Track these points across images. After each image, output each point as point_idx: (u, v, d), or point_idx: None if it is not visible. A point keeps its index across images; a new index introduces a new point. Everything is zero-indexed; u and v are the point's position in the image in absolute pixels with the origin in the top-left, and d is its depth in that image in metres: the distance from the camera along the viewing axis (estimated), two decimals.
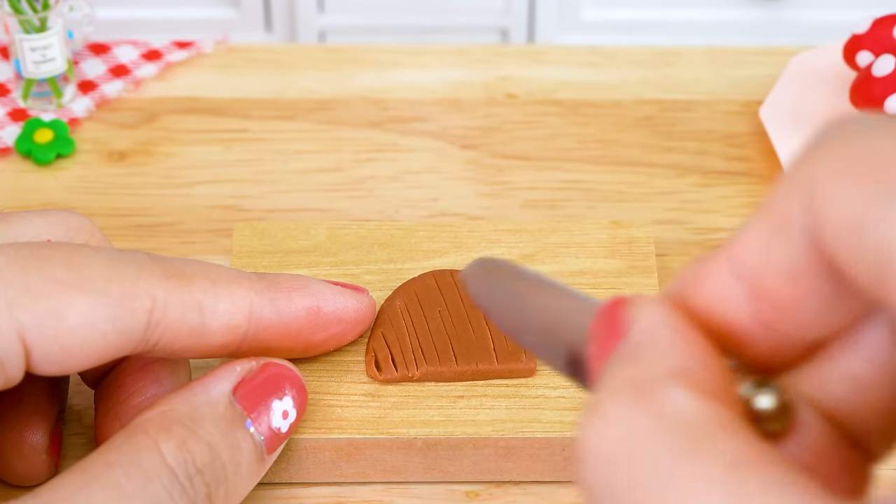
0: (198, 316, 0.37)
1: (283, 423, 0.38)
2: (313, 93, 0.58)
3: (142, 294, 0.36)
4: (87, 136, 0.56)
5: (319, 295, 0.40)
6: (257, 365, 0.38)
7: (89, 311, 0.35)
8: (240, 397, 0.37)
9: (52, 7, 0.55)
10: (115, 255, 0.36)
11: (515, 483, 0.42)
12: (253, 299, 0.38)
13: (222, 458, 0.36)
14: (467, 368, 0.42)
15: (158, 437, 0.35)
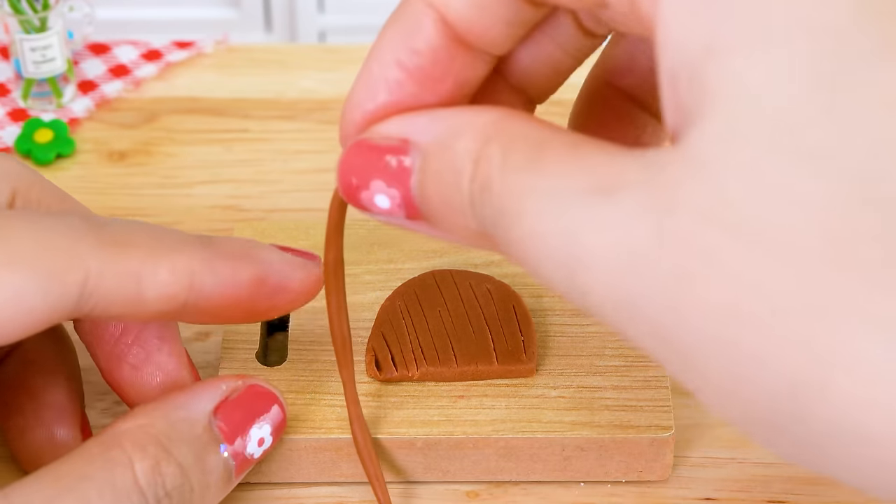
0: (134, 285, 0.35)
1: (258, 450, 0.38)
2: (313, 93, 0.58)
3: (74, 266, 0.34)
4: (87, 136, 0.56)
5: (266, 264, 0.38)
6: (243, 385, 0.38)
7: (18, 288, 0.34)
8: (220, 421, 0.37)
9: (52, 7, 0.55)
10: (47, 224, 0.35)
11: (515, 483, 0.42)
12: (195, 268, 0.37)
13: (192, 481, 0.36)
14: (467, 368, 0.42)
15: (133, 455, 0.35)
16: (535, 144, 0.31)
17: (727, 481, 0.43)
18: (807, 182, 0.26)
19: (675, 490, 0.43)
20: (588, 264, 0.29)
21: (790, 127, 0.27)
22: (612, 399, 0.42)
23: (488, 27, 0.33)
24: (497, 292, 0.44)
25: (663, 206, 0.28)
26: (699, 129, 0.28)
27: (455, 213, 0.33)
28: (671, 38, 0.29)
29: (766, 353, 0.27)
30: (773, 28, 0.27)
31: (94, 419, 0.44)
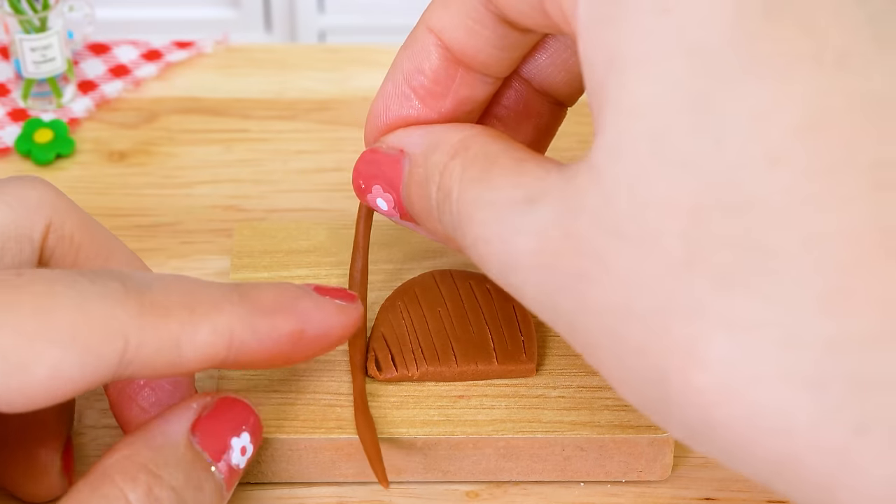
0: (174, 350, 0.35)
1: (242, 459, 0.38)
2: (313, 93, 0.58)
3: (113, 336, 0.34)
4: (87, 136, 0.56)
5: (304, 315, 0.38)
6: (212, 400, 0.38)
7: (57, 363, 0.34)
8: (200, 438, 0.37)
9: (52, 7, 0.55)
10: (85, 290, 0.35)
11: (515, 483, 0.42)
12: (234, 327, 0.36)
13: (187, 501, 0.36)
14: (467, 368, 0.42)
15: (125, 487, 0.35)
16: (490, 159, 0.35)
17: (727, 481, 0.43)
18: (674, 189, 0.29)
19: (675, 490, 0.43)
20: (515, 266, 0.33)
21: (665, 138, 0.29)
22: (613, 399, 0.42)
23: (479, 50, 0.38)
24: (497, 292, 0.44)
25: (570, 211, 0.32)
26: (598, 139, 0.31)
27: (428, 217, 0.37)
28: (582, 51, 0.32)
29: (644, 345, 0.30)
30: (659, 46, 0.30)
31: (93, 419, 0.44)
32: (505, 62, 0.38)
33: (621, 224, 0.30)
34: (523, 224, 0.33)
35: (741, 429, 0.29)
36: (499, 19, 0.37)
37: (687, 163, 0.29)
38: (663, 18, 0.30)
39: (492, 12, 0.37)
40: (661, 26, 0.30)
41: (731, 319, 0.28)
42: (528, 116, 0.41)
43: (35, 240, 0.38)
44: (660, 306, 0.29)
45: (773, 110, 0.28)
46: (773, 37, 0.29)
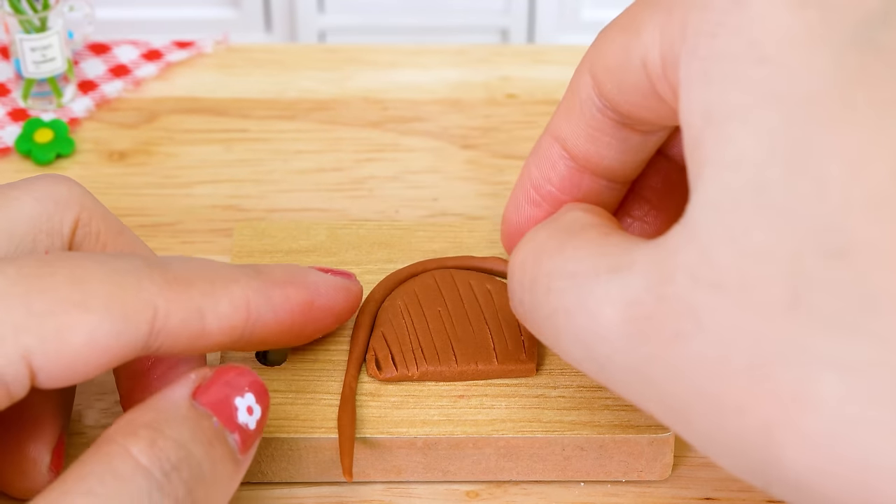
0: (198, 321, 0.37)
1: (250, 419, 0.37)
2: (313, 93, 0.58)
3: (143, 306, 0.35)
4: (87, 136, 0.56)
5: (312, 287, 0.40)
6: (211, 370, 0.38)
7: (93, 329, 0.34)
8: (200, 398, 0.37)
9: (52, 7, 0.55)
10: (114, 265, 0.36)
11: (515, 483, 0.42)
12: (251, 298, 0.38)
13: (196, 455, 0.35)
14: (467, 368, 0.42)
15: (126, 442, 0.35)
16: (571, 233, 0.35)
17: (727, 481, 0.43)
18: (775, 236, 0.29)
19: (675, 490, 0.43)
20: (604, 335, 0.32)
21: (764, 187, 0.29)
22: (612, 399, 0.42)
23: (603, 157, 0.38)
24: (497, 292, 0.44)
25: (664, 274, 0.31)
26: (696, 197, 0.31)
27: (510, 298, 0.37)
28: (681, 111, 0.32)
29: (745, 402, 0.29)
30: (756, 95, 0.30)
31: (93, 419, 0.44)
32: (629, 166, 0.39)
33: (719, 276, 0.30)
34: (611, 293, 0.32)
35: (854, 474, 0.28)
36: (618, 124, 0.37)
37: (788, 209, 0.29)
38: (759, 68, 0.30)
39: (610, 118, 0.37)
40: (758, 76, 0.30)
41: (840, 360, 0.28)
42: (672, 194, 0.41)
43: (65, 234, 0.39)
44: (762, 356, 0.29)
45: (874, 154, 0.28)
46: (870, 82, 0.29)
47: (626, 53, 0.35)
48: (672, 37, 0.33)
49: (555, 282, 0.34)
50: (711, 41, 0.32)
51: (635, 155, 0.38)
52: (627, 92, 0.36)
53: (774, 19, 0.31)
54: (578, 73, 0.38)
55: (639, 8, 0.35)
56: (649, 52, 0.34)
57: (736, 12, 0.31)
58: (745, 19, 0.31)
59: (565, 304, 0.34)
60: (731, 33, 0.31)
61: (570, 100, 0.38)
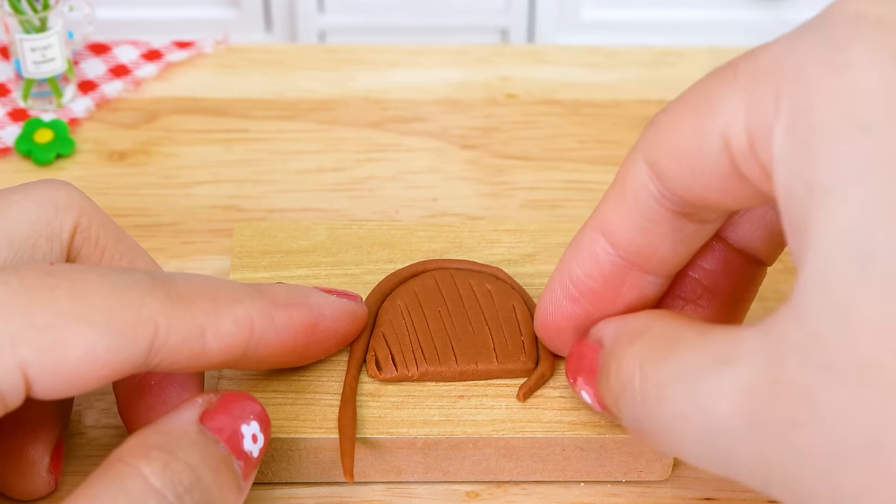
0: (199, 339, 0.36)
1: (254, 447, 0.38)
2: (313, 93, 0.58)
3: (145, 322, 0.35)
4: (87, 136, 0.56)
5: (317, 309, 0.40)
6: (216, 396, 0.38)
7: (92, 343, 0.34)
8: (208, 424, 0.37)
9: (52, 7, 0.55)
10: (117, 280, 0.36)
11: (515, 483, 0.42)
12: (254, 319, 0.38)
13: (206, 480, 0.35)
14: (467, 368, 0.42)
15: (139, 463, 0.34)
16: (669, 340, 0.34)
17: (727, 481, 0.43)
18: (882, 311, 0.28)
19: (675, 490, 0.43)
20: (723, 430, 0.31)
21: (871, 259, 0.28)
22: None
23: (655, 249, 0.37)
24: (497, 292, 0.44)
25: (775, 360, 0.30)
26: (802, 275, 0.30)
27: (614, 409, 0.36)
28: (779, 188, 0.31)
29: (863, 487, 0.28)
30: (860, 165, 0.29)
31: (94, 419, 0.44)
32: (679, 258, 0.37)
33: (830, 356, 0.29)
34: (723, 386, 0.31)
35: None
36: (675, 213, 0.36)
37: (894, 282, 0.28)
38: (863, 137, 0.29)
39: (667, 208, 0.36)
40: (861, 145, 0.29)
41: None
42: (726, 277, 0.39)
43: (64, 239, 0.39)
44: (879, 437, 0.28)
45: None
46: None
47: (701, 134, 0.33)
48: (762, 110, 0.31)
49: (665, 389, 0.33)
50: (810, 114, 0.30)
51: (688, 246, 0.37)
52: (702, 176, 0.34)
53: (873, 84, 0.30)
54: (630, 163, 0.36)
55: (710, 85, 0.33)
56: (732, 128, 0.32)
57: (832, 79, 0.30)
58: (844, 86, 0.30)
59: (680, 409, 0.33)
60: (830, 104, 0.30)
61: (619, 191, 0.36)
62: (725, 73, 0.33)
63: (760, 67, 0.32)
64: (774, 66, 0.32)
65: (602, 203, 0.37)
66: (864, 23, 0.31)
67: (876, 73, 0.30)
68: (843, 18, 0.31)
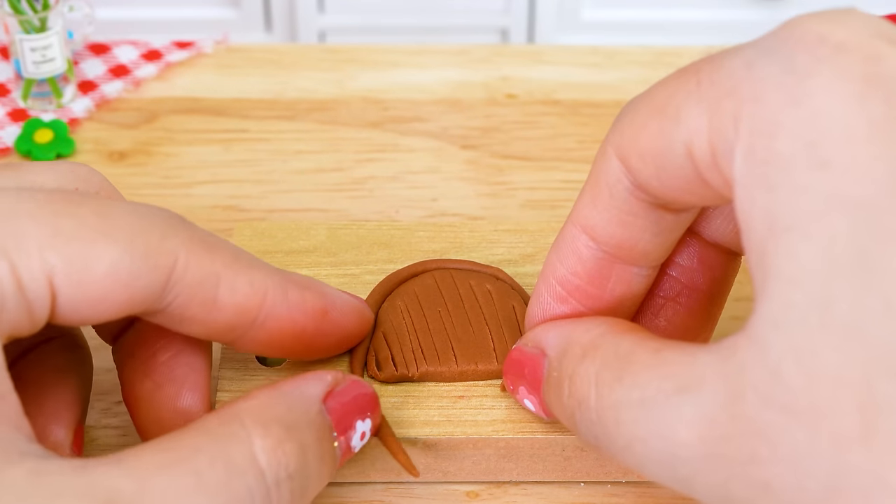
0: (213, 288, 0.36)
1: (359, 443, 0.38)
2: (313, 93, 0.58)
3: (166, 251, 0.35)
4: (87, 136, 0.56)
5: (329, 298, 0.40)
6: (345, 379, 0.38)
7: (116, 261, 0.34)
8: (330, 409, 0.36)
9: (52, 7, 0.55)
10: (142, 209, 0.36)
11: (515, 483, 0.42)
12: (269, 287, 0.37)
13: (310, 467, 0.35)
14: (467, 368, 0.42)
15: (254, 432, 0.34)
16: (624, 358, 0.34)
17: None
18: (844, 359, 0.28)
19: (676, 490, 0.42)
20: (685, 457, 0.31)
21: (830, 305, 0.28)
22: None
23: (636, 241, 0.36)
24: (497, 292, 0.44)
25: (735, 392, 0.30)
26: (760, 311, 0.30)
27: (569, 423, 0.36)
28: (740, 215, 0.31)
29: None
30: (819, 204, 0.29)
31: (94, 419, 0.44)
32: (662, 248, 0.37)
33: (791, 399, 0.29)
34: (683, 414, 0.31)
35: None
36: (651, 205, 0.36)
37: (856, 330, 0.28)
38: (820, 174, 0.29)
39: (643, 200, 0.35)
40: (819, 183, 0.29)
41: None
42: (703, 272, 0.39)
43: None
44: (837, 485, 0.28)
45: None
46: None
47: (666, 139, 0.33)
48: (723, 129, 0.31)
49: (623, 413, 0.33)
50: (769, 142, 0.30)
51: (669, 235, 0.37)
52: (669, 178, 0.34)
53: (834, 116, 0.29)
54: (603, 157, 0.36)
55: (672, 90, 0.33)
56: (695, 139, 0.32)
57: (793, 109, 0.30)
58: (803, 117, 0.29)
59: (639, 434, 0.33)
60: (790, 134, 0.30)
61: (595, 185, 0.36)
62: (689, 80, 0.33)
63: (721, 83, 0.32)
64: (733, 85, 0.31)
65: (579, 199, 0.37)
66: (824, 48, 0.30)
67: (837, 106, 0.29)
68: (803, 42, 0.30)
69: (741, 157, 0.31)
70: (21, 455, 0.31)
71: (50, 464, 0.32)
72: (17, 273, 0.33)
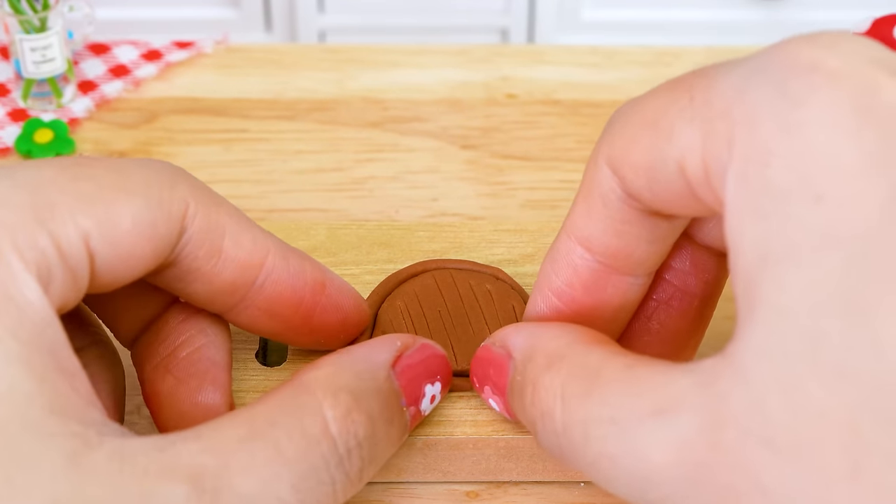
0: (219, 238, 0.37)
1: (429, 406, 0.38)
2: (313, 93, 0.58)
3: (177, 199, 0.36)
4: (87, 136, 0.56)
5: (327, 273, 0.40)
6: (415, 343, 0.38)
7: (137, 214, 0.35)
8: (398, 374, 0.37)
9: (52, 7, 0.55)
10: (148, 162, 0.36)
11: (515, 483, 0.42)
12: (271, 248, 0.38)
13: (378, 433, 0.35)
14: (467, 368, 0.42)
15: (324, 402, 0.34)
16: (592, 373, 0.33)
17: None
18: (831, 399, 0.27)
19: None
20: (657, 481, 0.31)
21: (819, 342, 0.28)
22: None
23: (632, 249, 0.36)
24: (497, 292, 0.44)
25: (714, 421, 0.30)
26: (745, 340, 0.29)
27: (532, 430, 0.36)
28: (731, 240, 0.31)
29: None
30: (812, 238, 0.28)
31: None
32: (656, 255, 0.37)
33: (775, 435, 0.28)
34: (659, 437, 0.31)
35: None
36: (644, 213, 0.35)
37: (844, 370, 0.27)
38: (814, 207, 0.28)
39: (636, 209, 0.35)
40: (813, 216, 0.28)
41: None
42: (696, 275, 0.39)
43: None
44: None
45: None
46: None
47: (658, 154, 0.33)
48: (717, 150, 0.31)
49: (592, 429, 0.33)
50: (762, 169, 0.29)
51: (663, 242, 0.37)
52: (661, 190, 0.33)
53: (827, 149, 0.29)
54: (594, 167, 0.35)
55: (663, 104, 0.33)
56: (688, 157, 0.32)
57: (786, 138, 0.29)
58: (797, 148, 0.29)
59: (608, 451, 0.32)
60: (783, 164, 0.29)
61: (587, 196, 0.36)
62: (681, 96, 0.32)
63: (714, 102, 0.31)
64: (727, 105, 0.31)
65: (573, 210, 0.37)
66: (819, 75, 0.29)
67: (830, 138, 0.29)
68: (797, 68, 0.30)
69: (734, 181, 0.30)
70: (100, 436, 0.32)
71: (131, 443, 0.32)
72: (59, 242, 0.33)
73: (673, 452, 0.30)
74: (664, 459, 0.31)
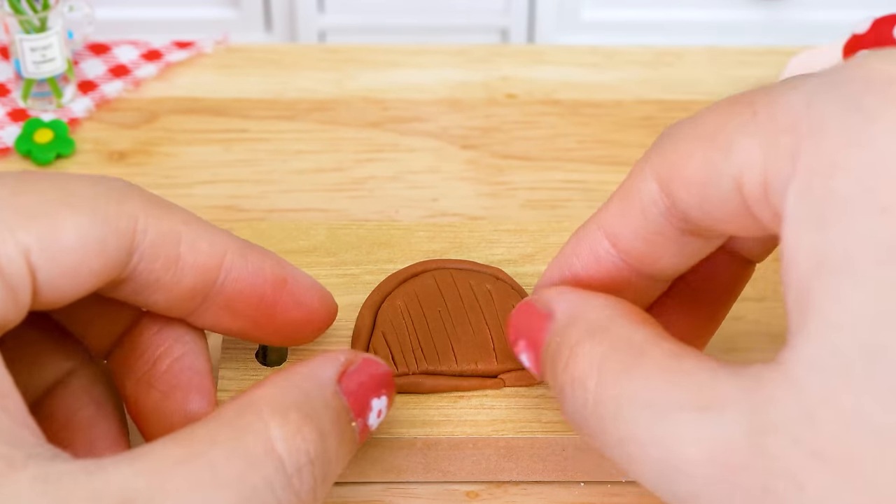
0: (175, 246, 0.36)
1: (376, 420, 0.37)
2: (313, 93, 0.58)
3: (125, 214, 0.35)
4: (87, 136, 0.56)
5: (289, 269, 0.39)
6: (358, 358, 0.37)
7: (83, 229, 0.34)
8: (345, 390, 0.36)
9: (52, 7, 0.55)
10: (96, 178, 0.36)
11: (515, 483, 0.42)
12: (228, 248, 0.37)
13: (330, 450, 0.34)
14: (467, 368, 0.42)
15: (271, 421, 0.33)
16: (635, 351, 0.33)
17: None
18: (886, 415, 0.27)
19: None
20: (689, 474, 0.31)
21: (877, 357, 0.28)
22: None
23: (658, 259, 0.36)
24: (497, 292, 0.44)
25: (760, 426, 0.29)
26: (798, 349, 0.29)
27: (558, 395, 0.35)
28: (787, 249, 0.30)
29: None
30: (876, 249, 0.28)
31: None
32: (682, 266, 0.37)
33: (825, 447, 0.28)
34: (696, 432, 0.31)
35: None
36: (682, 231, 0.35)
37: None
38: (879, 219, 0.28)
39: (675, 226, 0.35)
40: (877, 228, 0.28)
41: None
42: (714, 278, 0.39)
43: None
44: None
45: None
46: None
47: (713, 169, 0.32)
48: (779, 164, 0.31)
49: (625, 409, 0.32)
50: (827, 181, 0.29)
51: (691, 257, 0.36)
52: (712, 208, 0.33)
53: None
54: (640, 177, 0.35)
55: (723, 119, 0.33)
56: (746, 173, 0.32)
57: (855, 150, 0.29)
58: (866, 160, 0.29)
59: (638, 434, 0.32)
60: (850, 175, 0.29)
61: (627, 200, 0.36)
62: (743, 112, 0.32)
63: (779, 117, 0.31)
64: (793, 120, 0.31)
65: (608, 205, 0.37)
66: (893, 90, 0.30)
67: None
68: (871, 82, 0.30)
69: (795, 194, 0.30)
70: (26, 458, 0.31)
71: (58, 466, 0.31)
72: None
73: (709, 450, 0.30)
74: (698, 456, 0.30)
